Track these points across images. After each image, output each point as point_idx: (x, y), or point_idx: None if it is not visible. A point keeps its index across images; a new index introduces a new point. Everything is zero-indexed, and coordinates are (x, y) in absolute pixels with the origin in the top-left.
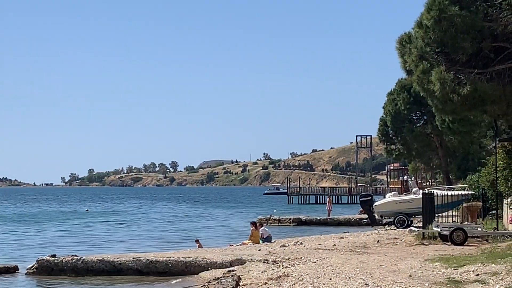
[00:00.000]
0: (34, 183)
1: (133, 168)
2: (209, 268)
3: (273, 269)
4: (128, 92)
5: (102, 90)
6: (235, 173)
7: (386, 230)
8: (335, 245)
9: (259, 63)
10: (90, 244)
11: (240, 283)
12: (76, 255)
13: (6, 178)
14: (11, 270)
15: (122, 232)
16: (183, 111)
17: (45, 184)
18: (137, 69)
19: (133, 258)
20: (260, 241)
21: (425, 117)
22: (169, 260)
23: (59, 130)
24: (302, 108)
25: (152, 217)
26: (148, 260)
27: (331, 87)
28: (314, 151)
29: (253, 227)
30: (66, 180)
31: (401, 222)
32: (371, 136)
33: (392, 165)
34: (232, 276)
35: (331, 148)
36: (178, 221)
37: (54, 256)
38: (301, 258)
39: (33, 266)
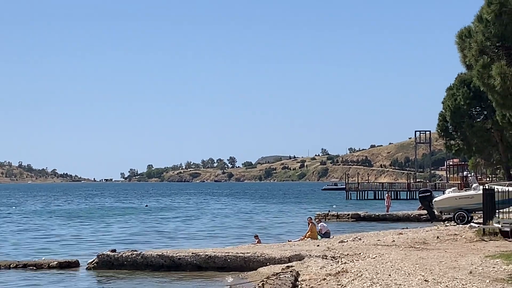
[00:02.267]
0: (94, 178)
1: (191, 164)
2: (268, 264)
3: (331, 265)
4: (186, 89)
5: (161, 87)
6: (293, 169)
7: (446, 226)
8: (394, 241)
9: (317, 58)
10: (150, 239)
11: (299, 279)
12: (136, 250)
13: (66, 174)
14: (73, 265)
15: (181, 228)
16: (241, 107)
17: (104, 179)
18: (195, 66)
19: (192, 253)
20: (319, 237)
21: (485, 112)
22: (227, 255)
23: (119, 127)
24: (360, 103)
25: (211, 213)
26: (207, 255)
27: (389, 82)
28: (372, 146)
29: (311, 223)
30: (126, 176)
31: (461, 218)
32: (430, 131)
33: (451, 160)
34: (290, 271)
35: (390, 143)
36: (237, 217)
37: (114, 251)
38: (359, 254)
39: (93, 261)
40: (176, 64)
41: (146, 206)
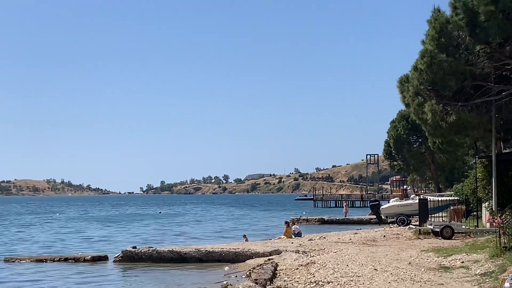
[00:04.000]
0: (119, 191)
1: (194, 180)
2: (254, 257)
3: (302, 258)
4: (189, 119)
5: (172, 115)
6: (273, 184)
7: (390, 227)
8: (350, 239)
9: (290, 97)
10: (163, 238)
11: (278, 268)
12: (151, 247)
13: (98, 188)
14: (103, 259)
15: (188, 229)
16: (234, 134)
17: (128, 192)
18: (201, 101)
19: (195, 249)
20: (293, 236)
21: (420, 140)
22: (222, 250)
23: (140, 149)
24: (324, 131)
25: (211, 218)
26: (206, 250)
27: (348, 115)
28: (334, 166)
29: (287, 225)
30: (144, 190)
31: (402, 221)
32: (378, 154)
33: (394, 177)
34: (271, 263)
35: (347, 164)
36: (230, 220)
37: (135, 247)
38: (324, 249)
39: (119, 255)
40: (181, 95)
41: (160, 213)
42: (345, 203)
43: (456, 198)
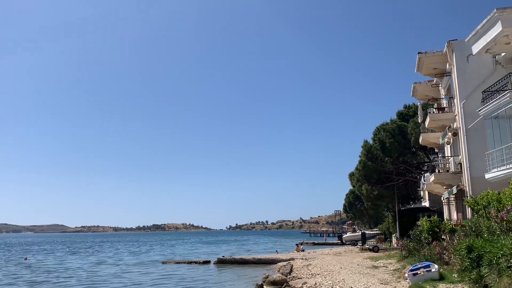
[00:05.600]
0: (216, 228)
1: (251, 222)
2: (281, 261)
3: (305, 262)
4: (249, 179)
5: (243, 179)
6: (289, 224)
7: (348, 246)
8: (328, 252)
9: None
10: (237, 251)
11: (293, 267)
12: (232, 256)
13: (207, 227)
14: (207, 262)
15: (250, 247)
16: (273, 195)
17: (220, 229)
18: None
19: (253, 257)
20: (300, 251)
21: (361, 203)
22: (266, 258)
23: (226, 201)
24: (316, 196)
25: (260, 242)
26: (258, 258)
27: (328, 188)
28: (319, 216)
29: (297, 245)
30: (227, 227)
31: (353, 244)
32: (341, 210)
33: (349, 221)
34: (290, 264)
35: (325, 214)
36: (270, 242)
37: (223, 256)
38: (315, 258)
39: (215, 260)
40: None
41: (235, 239)
42: (325, 235)
43: (379, 232)
